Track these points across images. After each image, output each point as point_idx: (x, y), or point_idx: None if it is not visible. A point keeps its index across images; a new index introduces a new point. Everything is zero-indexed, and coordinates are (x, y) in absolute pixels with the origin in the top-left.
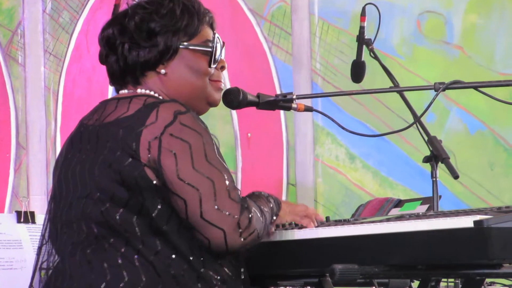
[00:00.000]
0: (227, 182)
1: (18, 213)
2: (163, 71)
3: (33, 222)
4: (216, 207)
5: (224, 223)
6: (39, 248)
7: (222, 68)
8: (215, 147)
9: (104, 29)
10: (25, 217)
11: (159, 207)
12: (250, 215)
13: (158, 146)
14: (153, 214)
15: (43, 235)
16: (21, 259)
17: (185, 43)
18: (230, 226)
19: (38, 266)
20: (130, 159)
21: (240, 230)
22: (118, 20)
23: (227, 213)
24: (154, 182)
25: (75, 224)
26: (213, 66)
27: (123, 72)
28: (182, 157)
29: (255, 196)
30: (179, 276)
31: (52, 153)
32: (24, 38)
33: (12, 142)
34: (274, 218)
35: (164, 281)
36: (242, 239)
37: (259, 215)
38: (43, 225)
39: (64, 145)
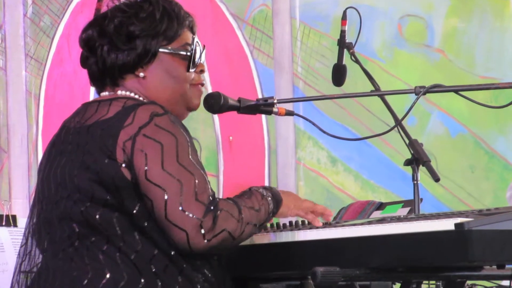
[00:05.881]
0: (196, 184)
1: (0, 217)
2: (141, 74)
3: (15, 225)
4: (180, 208)
5: (186, 225)
6: (20, 248)
7: (201, 71)
8: (189, 150)
9: (84, 30)
10: (7, 220)
11: (138, 205)
12: (215, 216)
13: (131, 146)
14: (133, 211)
15: (25, 236)
16: (2, 262)
17: (164, 47)
18: (192, 228)
19: (19, 268)
20: (107, 160)
21: (202, 232)
22: (97, 22)
23: (190, 214)
24: (131, 181)
25: (57, 224)
26: (191, 70)
27: (102, 73)
28: (152, 158)
29: (247, 193)
30: (160, 273)
31: (34, 156)
32: (5, 42)
33: None
34: (270, 216)
35: (146, 278)
36: (205, 241)
37: (233, 215)
38: (25, 226)
39: (47, 147)
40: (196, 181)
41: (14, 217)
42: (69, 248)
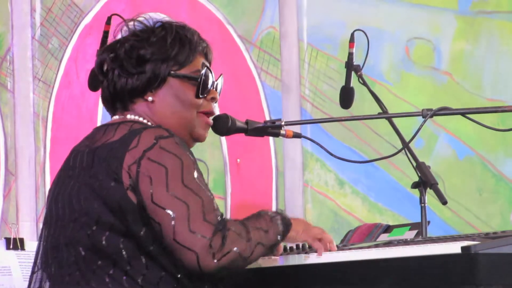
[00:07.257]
0: (203, 205)
1: (7, 240)
2: (150, 98)
3: (22, 248)
4: (189, 229)
5: (196, 245)
6: (31, 275)
7: (213, 99)
8: (195, 171)
9: (98, 54)
10: (14, 243)
11: (144, 229)
12: (223, 235)
13: (136, 170)
14: (140, 235)
15: (35, 262)
16: (9, 286)
17: (174, 72)
18: (202, 248)
19: None
20: (113, 183)
21: (212, 252)
22: (111, 47)
23: (199, 235)
24: (137, 205)
25: (64, 248)
26: (200, 96)
27: (112, 98)
28: (157, 181)
29: (255, 216)
30: None
31: (41, 179)
32: (13, 64)
33: (1, 168)
34: (279, 238)
35: None
36: (215, 261)
37: (242, 235)
38: (36, 251)
39: (57, 173)
40: (203, 201)
41: (21, 240)
42: (75, 272)
